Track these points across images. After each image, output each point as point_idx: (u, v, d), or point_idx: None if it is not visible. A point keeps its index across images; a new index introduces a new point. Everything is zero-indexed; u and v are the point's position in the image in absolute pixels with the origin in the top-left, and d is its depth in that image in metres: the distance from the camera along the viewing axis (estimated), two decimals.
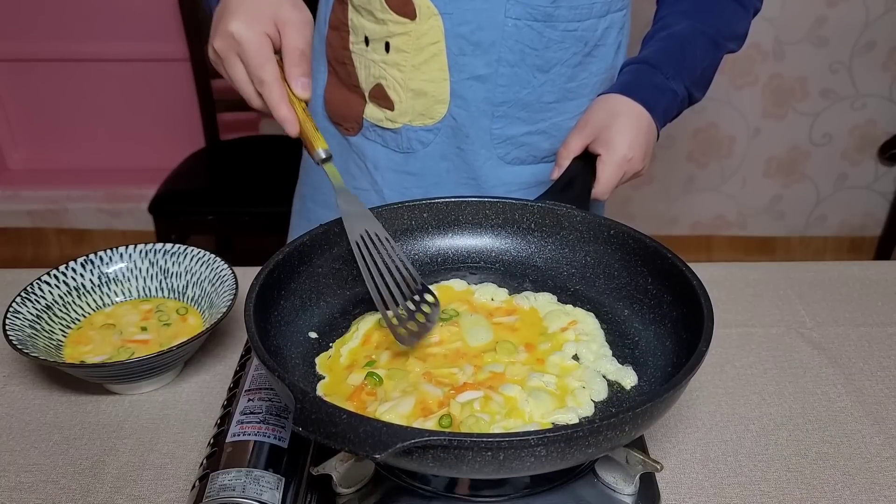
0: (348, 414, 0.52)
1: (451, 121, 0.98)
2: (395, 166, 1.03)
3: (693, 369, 0.59)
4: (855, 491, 0.73)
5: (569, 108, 1.01)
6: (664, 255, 0.75)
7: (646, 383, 0.71)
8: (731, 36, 1.00)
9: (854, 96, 2.48)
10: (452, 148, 1.01)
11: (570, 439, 0.53)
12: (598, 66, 1.01)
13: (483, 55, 0.94)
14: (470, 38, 0.92)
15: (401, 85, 0.96)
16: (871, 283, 1.04)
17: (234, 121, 2.61)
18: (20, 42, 2.56)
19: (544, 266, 0.86)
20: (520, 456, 0.53)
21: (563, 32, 0.94)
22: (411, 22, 0.92)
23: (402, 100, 0.97)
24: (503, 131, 0.99)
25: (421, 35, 0.93)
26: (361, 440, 0.50)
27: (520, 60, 0.95)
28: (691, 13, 0.98)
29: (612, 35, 1.00)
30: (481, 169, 1.02)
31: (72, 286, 0.90)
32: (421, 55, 0.94)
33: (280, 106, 0.73)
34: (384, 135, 1.02)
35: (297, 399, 0.54)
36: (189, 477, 0.74)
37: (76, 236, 2.82)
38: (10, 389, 0.85)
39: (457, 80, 0.95)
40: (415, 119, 0.99)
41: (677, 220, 2.73)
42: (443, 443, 0.51)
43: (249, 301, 0.66)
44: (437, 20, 0.92)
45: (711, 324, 0.64)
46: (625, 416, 0.54)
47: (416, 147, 1.01)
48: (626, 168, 0.91)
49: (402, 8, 0.92)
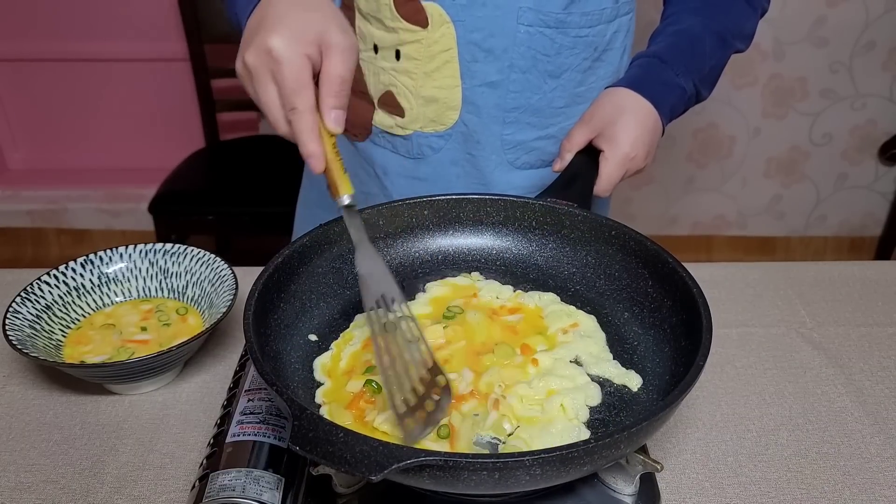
0: (345, 432, 0.52)
1: (463, 127, 0.98)
2: (405, 172, 1.03)
3: (689, 386, 0.59)
4: (855, 491, 0.73)
5: (577, 112, 1.01)
6: (665, 259, 0.75)
7: (643, 391, 0.70)
8: (739, 35, 1.00)
9: (854, 96, 2.48)
10: (463, 153, 1.00)
11: (565, 459, 0.53)
12: (605, 69, 1.01)
13: (495, 62, 0.93)
14: (482, 45, 0.92)
15: (412, 92, 0.96)
16: (871, 283, 1.04)
17: (234, 121, 2.61)
18: (20, 42, 2.56)
19: (545, 265, 0.85)
20: (515, 475, 0.53)
21: (574, 38, 0.94)
22: (423, 30, 0.91)
23: (413, 107, 0.97)
24: (514, 137, 0.99)
25: (433, 43, 0.92)
26: (358, 460, 0.50)
27: (531, 67, 0.94)
28: (701, 10, 0.98)
29: (620, 39, 1.00)
30: (492, 174, 1.01)
31: (72, 286, 0.90)
32: (433, 62, 0.93)
33: (310, 140, 0.66)
34: (394, 141, 1.01)
35: (295, 415, 0.54)
36: (189, 477, 0.73)
37: (76, 236, 2.82)
38: (10, 389, 0.85)
39: (468, 86, 0.95)
40: (426, 126, 0.98)
41: (677, 221, 2.73)
42: (439, 463, 0.51)
43: (248, 308, 0.66)
44: (450, 28, 0.91)
45: (710, 336, 0.64)
46: (620, 435, 0.54)
47: (427, 153, 1.01)
48: (629, 166, 0.91)
49: (413, 16, 0.91)
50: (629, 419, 0.67)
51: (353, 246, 0.73)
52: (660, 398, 0.68)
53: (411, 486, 0.56)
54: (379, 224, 0.84)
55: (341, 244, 0.81)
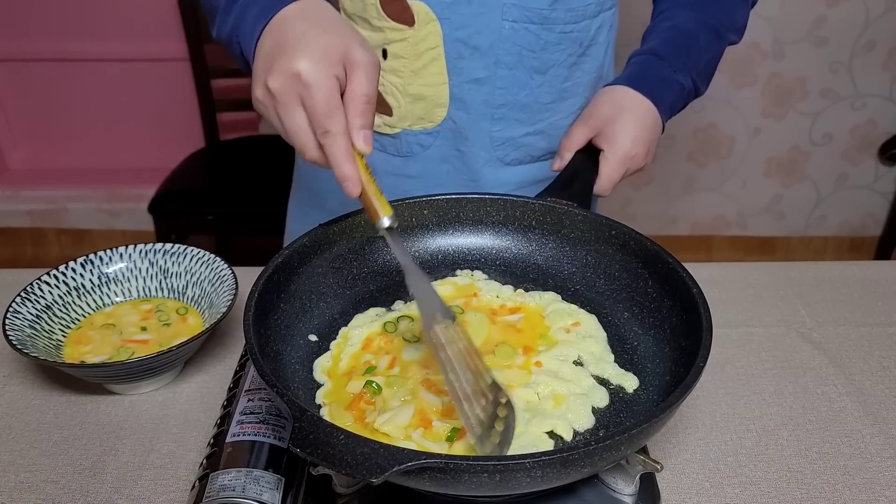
0: (346, 434, 0.52)
1: (451, 124, 0.98)
2: (394, 170, 1.03)
3: (690, 387, 0.59)
4: (855, 491, 0.73)
5: (564, 107, 1.02)
6: (665, 259, 0.75)
7: (643, 391, 0.70)
8: (732, 27, 1.00)
9: (854, 96, 2.48)
10: (452, 150, 1.01)
11: (565, 461, 0.53)
12: (590, 64, 1.01)
13: (481, 58, 0.93)
14: (468, 41, 0.92)
15: (399, 90, 0.96)
16: (871, 283, 1.04)
17: (234, 121, 2.61)
18: (20, 42, 2.56)
19: (545, 264, 0.85)
20: (516, 477, 0.53)
21: (559, 34, 0.94)
22: (409, 28, 0.92)
23: (401, 105, 0.97)
24: (502, 133, 0.99)
25: (419, 41, 0.92)
26: (359, 463, 0.50)
27: (518, 63, 0.95)
28: (693, 5, 0.98)
29: (604, 34, 1.00)
30: (481, 171, 1.02)
31: (72, 286, 0.90)
32: (419, 60, 0.94)
33: (346, 163, 0.64)
34: (382, 140, 1.02)
35: (296, 417, 0.54)
36: (189, 477, 0.73)
37: (76, 236, 2.82)
38: (10, 389, 0.85)
39: (456, 83, 0.95)
40: (414, 123, 0.99)
41: (677, 220, 2.73)
42: (439, 465, 0.51)
43: (248, 309, 0.66)
44: (436, 25, 0.91)
45: (710, 337, 0.64)
46: (620, 437, 0.54)
47: (416, 150, 1.01)
48: (629, 165, 0.91)
49: (399, 15, 0.91)
50: (629, 420, 0.67)
51: (354, 246, 0.73)
52: (660, 399, 0.68)
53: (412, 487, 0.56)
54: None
55: (341, 244, 0.81)
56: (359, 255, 0.83)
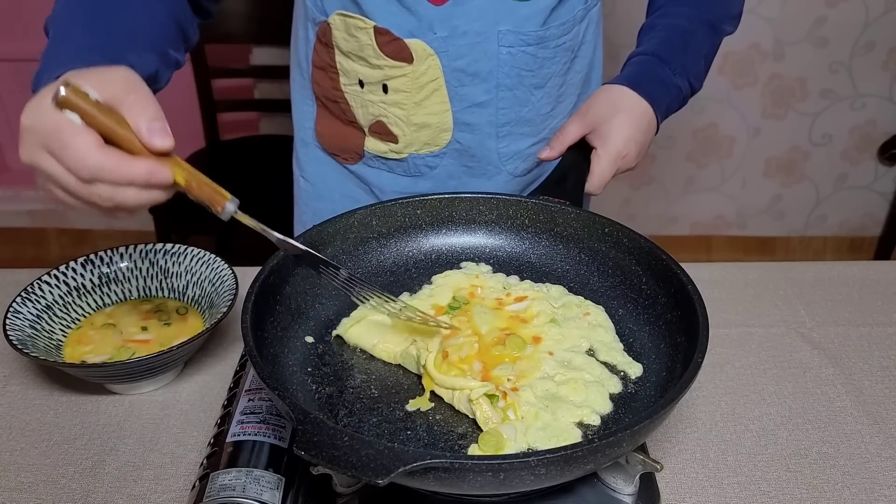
0: (350, 436, 0.52)
1: (457, 144, 0.98)
2: (403, 189, 1.03)
3: (689, 382, 0.59)
4: (855, 491, 0.73)
5: (562, 109, 1.03)
6: (658, 255, 0.75)
7: (643, 387, 0.71)
8: (727, 17, 1.00)
9: (854, 96, 2.48)
10: (460, 167, 1.01)
11: (569, 459, 0.53)
12: (580, 63, 1.02)
13: (482, 83, 0.93)
14: (467, 70, 0.92)
15: (403, 121, 0.96)
16: (871, 283, 1.04)
17: (234, 121, 2.60)
18: (20, 42, 2.55)
19: (538, 262, 0.86)
20: (520, 475, 0.53)
21: (554, 49, 0.95)
22: (409, 65, 0.92)
23: (406, 133, 0.97)
24: (509, 148, 1.00)
25: (420, 75, 0.92)
26: (364, 464, 0.50)
27: (517, 83, 0.95)
28: (689, 0, 0.98)
29: (591, 31, 1.01)
30: (490, 181, 1.02)
31: (72, 286, 0.90)
32: (421, 93, 0.94)
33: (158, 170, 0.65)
34: (389, 163, 1.02)
35: (298, 420, 0.53)
36: (189, 477, 0.74)
37: (76, 236, 2.82)
38: (10, 389, 0.85)
39: (458, 109, 0.95)
40: (421, 148, 0.99)
41: (677, 221, 2.73)
42: (445, 465, 0.51)
43: (246, 312, 0.66)
44: (434, 59, 0.91)
45: (707, 332, 0.64)
46: (622, 434, 0.54)
47: (424, 171, 1.01)
48: (621, 164, 0.91)
49: (397, 53, 0.91)
50: (628, 416, 0.67)
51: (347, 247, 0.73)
52: (658, 395, 0.68)
53: (416, 488, 0.56)
54: (372, 224, 0.84)
55: (335, 245, 0.81)
56: (352, 255, 0.83)
